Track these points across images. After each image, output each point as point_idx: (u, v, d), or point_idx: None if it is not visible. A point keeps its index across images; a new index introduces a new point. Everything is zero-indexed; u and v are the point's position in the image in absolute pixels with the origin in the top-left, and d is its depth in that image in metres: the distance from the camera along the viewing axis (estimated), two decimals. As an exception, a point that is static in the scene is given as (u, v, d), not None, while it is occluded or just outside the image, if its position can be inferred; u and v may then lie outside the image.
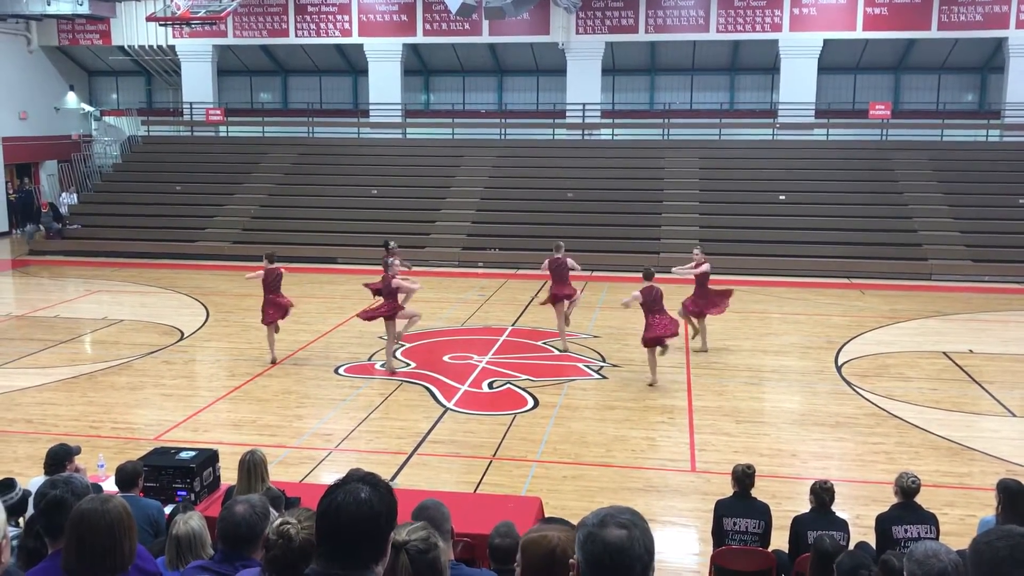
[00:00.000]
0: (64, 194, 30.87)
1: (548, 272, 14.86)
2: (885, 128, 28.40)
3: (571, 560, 2.46)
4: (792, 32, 28.06)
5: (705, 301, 14.76)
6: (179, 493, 7.10)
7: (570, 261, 14.79)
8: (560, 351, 14.93)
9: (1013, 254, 23.11)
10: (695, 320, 14.85)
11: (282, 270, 14.39)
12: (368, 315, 13.84)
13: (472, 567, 4.91)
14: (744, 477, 6.96)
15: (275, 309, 14.11)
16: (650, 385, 12.97)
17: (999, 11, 27.09)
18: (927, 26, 27.58)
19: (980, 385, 13.30)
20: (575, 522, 2.73)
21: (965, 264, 23.03)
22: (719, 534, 6.92)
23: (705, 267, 14.59)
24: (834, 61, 29.15)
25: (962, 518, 8.47)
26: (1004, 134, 27.83)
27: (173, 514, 5.26)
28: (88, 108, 33.91)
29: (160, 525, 5.98)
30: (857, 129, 28.86)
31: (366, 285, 14.81)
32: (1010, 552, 2.52)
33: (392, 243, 15.49)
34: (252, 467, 6.40)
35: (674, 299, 14.45)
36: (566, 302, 14.84)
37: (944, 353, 15.15)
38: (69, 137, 32.84)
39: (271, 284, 14.11)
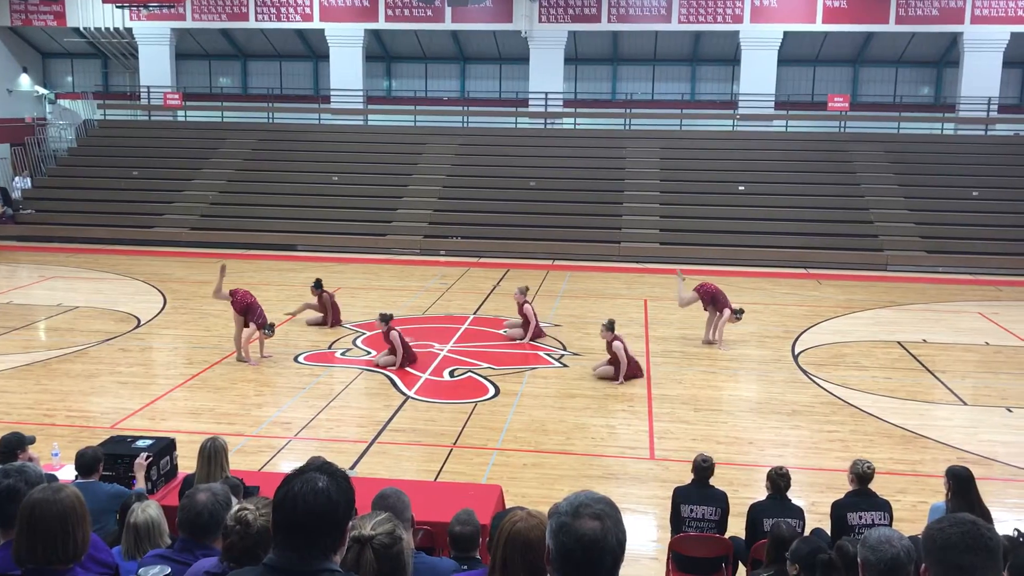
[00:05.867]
0: (17, 178, 30.22)
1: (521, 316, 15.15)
2: (843, 120, 28.76)
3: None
4: (753, 24, 28.29)
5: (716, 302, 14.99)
6: (135, 482, 7.00)
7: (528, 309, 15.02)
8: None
9: (966, 245, 23.53)
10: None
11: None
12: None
13: (432, 555, 4.92)
14: (703, 468, 7.04)
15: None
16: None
17: (955, 6, 27.53)
18: (885, 19, 27.95)
19: (933, 374, 13.54)
20: (541, 509, 2.73)
21: (920, 255, 23.41)
22: (677, 521, 6.98)
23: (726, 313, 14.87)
24: (794, 53, 29.45)
25: (914, 505, 8.63)
26: (959, 127, 28.30)
27: (127, 503, 5.19)
28: (42, 91, 33.23)
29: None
30: (816, 121, 29.25)
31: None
32: (961, 538, 2.58)
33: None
34: (212, 454, 6.35)
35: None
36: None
37: (899, 342, 15.41)
38: (22, 120, 32.13)
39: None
